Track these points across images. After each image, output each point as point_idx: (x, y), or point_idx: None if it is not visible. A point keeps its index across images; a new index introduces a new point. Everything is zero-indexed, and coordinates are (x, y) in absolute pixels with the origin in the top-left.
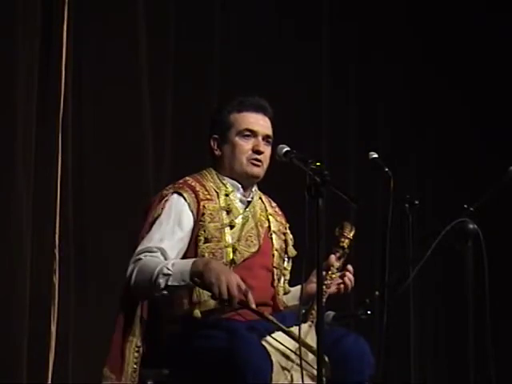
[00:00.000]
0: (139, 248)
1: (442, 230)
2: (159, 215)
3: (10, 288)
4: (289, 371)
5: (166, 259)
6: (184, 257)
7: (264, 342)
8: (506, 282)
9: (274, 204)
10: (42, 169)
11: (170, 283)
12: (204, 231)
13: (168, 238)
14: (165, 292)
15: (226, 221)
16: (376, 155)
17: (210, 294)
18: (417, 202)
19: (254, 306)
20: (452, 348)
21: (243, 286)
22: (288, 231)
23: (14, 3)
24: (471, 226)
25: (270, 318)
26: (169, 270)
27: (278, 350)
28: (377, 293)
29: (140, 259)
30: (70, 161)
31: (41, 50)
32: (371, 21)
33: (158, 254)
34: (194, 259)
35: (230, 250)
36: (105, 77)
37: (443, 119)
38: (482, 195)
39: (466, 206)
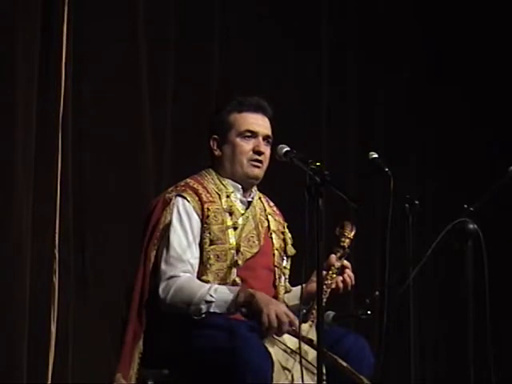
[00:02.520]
0: (165, 259)
1: (441, 230)
2: (170, 222)
3: (10, 288)
4: (289, 371)
5: (193, 271)
6: None
7: (265, 342)
8: (506, 281)
9: (271, 203)
10: (42, 169)
11: (211, 310)
12: (209, 233)
13: (188, 248)
14: (204, 316)
15: (229, 222)
16: (376, 155)
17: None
18: (417, 202)
19: (303, 334)
20: (452, 348)
21: (291, 315)
22: (286, 230)
23: (14, 3)
24: (471, 225)
25: (338, 359)
26: (212, 296)
27: (278, 349)
28: (377, 293)
29: (175, 276)
30: (69, 161)
31: (41, 50)
32: (371, 20)
33: (188, 267)
34: (237, 288)
35: (233, 251)
36: (105, 77)
37: (443, 119)
38: (482, 195)
39: (465, 205)
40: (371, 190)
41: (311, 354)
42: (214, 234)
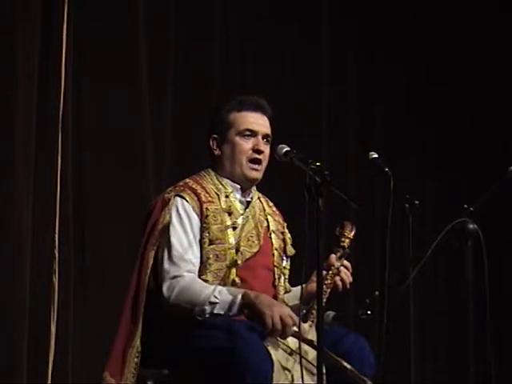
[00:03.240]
0: (167, 259)
1: (441, 230)
2: (170, 222)
3: (10, 288)
4: (289, 371)
5: (195, 270)
6: None
7: (265, 342)
8: (506, 281)
9: (271, 203)
10: (42, 169)
11: (215, 311)
12: (208, 233)
13: (189, 247)
14: (207, 316)
15: (229, 222)
16: (376, 155)
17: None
18: (417, 202)
19: (308, 336)
20: (452, 348)
21: (295, 317)
22: (286, 230)
23: (14, 3)
24: (471, 225)
25: (338, 359)
26: (216, 298)
27: (278, 349)
28: (377, 293)
29: (179, 276)
30: (69, 161)
31: (41, 50)
32: (371, 20)
33: (190, 266)
34: (241, 290)
35: (233, 251)
36: (105, 77)
37: (443, 119)
38: (481, 195)
39: (465, 205)
40: (371, 190)
41: (311, 353)
42: (213, 234)
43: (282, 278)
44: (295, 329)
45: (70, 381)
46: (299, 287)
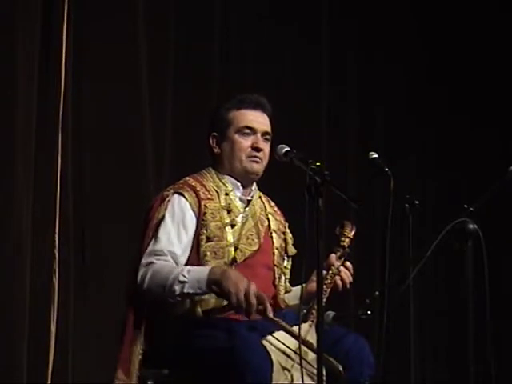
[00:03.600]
0: (149, 249)
1: (441, 230)
2: (163, 217)
3: (10, 288)
4: (289, 371)
5: (176, 263)
6: (187, 257)
7: (264, 341)
8: (506, 281)
9: (272, 203)
10: (42, 169)
11: (185, 290)
12: (206, 230)
13: (176, 241)
14: (179, 298)
15: (227, 220)
16: (376, 155)
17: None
18: (417, 202)
19: (271, 314)
20: (452, 348)
21: (261, 295)
22: (287, 230)
23: (14, 3)
24: (471, 225)
25: (287, 326)
26: (184, 277)
27: (278, 349)
28: (377, 293)
29: (152, 263)
30: (69, 161)
31: (41, 50)
32: (371, 20)
33: (169, 257)
34: (209, 267)
35: (231, 248)
36: (105, 77)
37: (443, 119)
38: (481, 195)
39: (466, 205)
40: (371, 190)
41: (311, 354)
42: (211, 231)
43: (283, 277)
44: (268, 305)
45: (69, 381)
46: (299, 287)
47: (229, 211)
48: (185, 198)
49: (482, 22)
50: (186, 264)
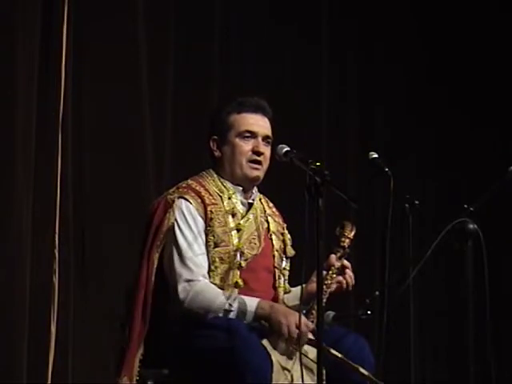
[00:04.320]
0: (181, 262)
1: (441, 230)
2: (175, 224)
3: (10, 288)
4: (289, 371)
5: (207, 273)
6: None
7: (265, 341)
8: (506, 281)
9: (271, 204)
10: (42, 169)
11: (229, 317)
12: (213, 236)
13: (200, 249)
14: None
15: (232, 224)
16: (376, 155)
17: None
18: (417, 202)
19: (324, 345)
20: (452, 348)
21: (310, 325)
22: (286, 231)
23: (14, 3)
24: (471, 225)
25: (339, 355)
26: (231, 306)
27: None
28: (377, 293)
29: (193, 281)
30: (69, 161)
31: (41, 50)
32: (371, 20)
33: (204, 271)
34: (257, 300)
35: (237, 253)
36: (105, 77)
37: (443, 119)
38: (481, 195)
39: (466, 205)
40: (371, 190)
41: (311, 353)
42: (218, 237)
43: (282, 279)
44: (310, 336)
45: (69, 381)
46: (299, 287)
47: (233, 215)
48: (191, 203)
49: (482, 21)
50: None
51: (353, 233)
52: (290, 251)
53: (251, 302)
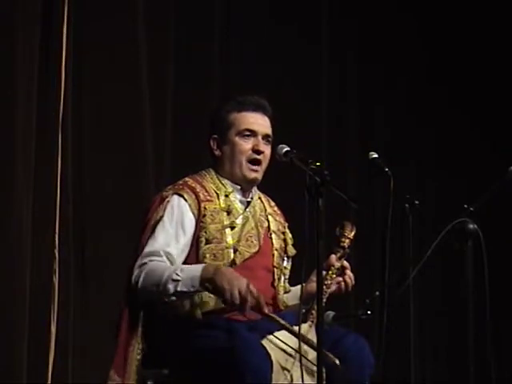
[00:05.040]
0: (145, 251)
1: (441, 230)
2: (161, 217)
3: (10, 288)
4: (289, 371)
5: (172, 264)
6: (186, 258)
7: (265, 341)
8: (506, 281)
9: (272, 203)
10: (42, 169)
11: (179, 289)
12: (205, 232)
13: (173, 242)
14: (173, 298)
15: (227, 222)
16: (376, 155)
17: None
18: (417, 202)
19: (266, 310)
20: (452, 348)
21: (255, 291)
22: (287, 230)
23: (14, 3)
24: (471, 225)
25: (282, 321)
26: (178, 275)
27: (279, 348)
28: (377, 293)
29: (146, 263)
30: (69, 161)
31: (41, 50)
32: (371, 20)
33: (164, 258)
34: (202, 265)
35: (231, 250)
36: (105, 77)
37: (443, 119)
38: (481, 195)
39: (466, 205)
40: (371, 190)
41: (311, 353)
42: (210, 233)
43: (282, 278)
44: (266, 311)
45: (69, 381)
46: (298, 287)
47: (228, 213)
48: (184, 199)
49: (482, 21)
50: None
51: (353, 233)
52: (291, 250)
53: (197, 267)
